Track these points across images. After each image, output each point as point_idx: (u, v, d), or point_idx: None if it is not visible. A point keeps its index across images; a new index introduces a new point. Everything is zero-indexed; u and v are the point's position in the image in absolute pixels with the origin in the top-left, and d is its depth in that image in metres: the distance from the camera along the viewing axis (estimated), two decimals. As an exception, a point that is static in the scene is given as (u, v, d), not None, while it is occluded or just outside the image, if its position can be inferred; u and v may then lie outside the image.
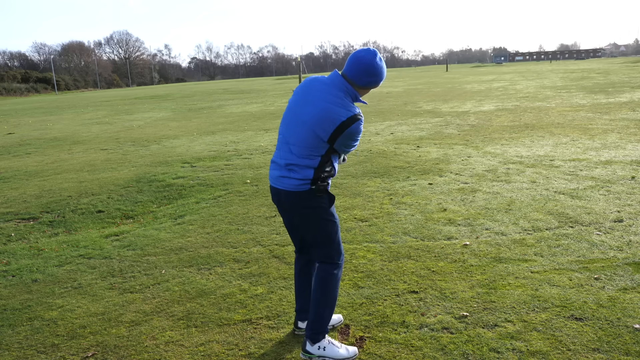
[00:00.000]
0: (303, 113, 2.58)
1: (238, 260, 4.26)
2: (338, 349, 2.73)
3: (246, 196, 6.36)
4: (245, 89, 39.75)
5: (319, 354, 2.71)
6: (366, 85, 2.62)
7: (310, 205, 2.64)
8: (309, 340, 2.72)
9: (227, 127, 14.43)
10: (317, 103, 2.56)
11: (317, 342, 2.72)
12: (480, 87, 26.03)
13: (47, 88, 71.27)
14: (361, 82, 2.60)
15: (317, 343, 2.72)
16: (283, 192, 2.66)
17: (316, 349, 2.71)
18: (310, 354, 2.72)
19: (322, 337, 2.72)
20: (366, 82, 2.60)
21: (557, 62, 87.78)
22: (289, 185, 2.62)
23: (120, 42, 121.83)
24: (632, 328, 2.89)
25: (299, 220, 2.73)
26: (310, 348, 2.72)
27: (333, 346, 2.73)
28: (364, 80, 2.59)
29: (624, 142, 8.46)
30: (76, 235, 5.26)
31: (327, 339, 2.74)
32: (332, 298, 2.75)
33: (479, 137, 9.99)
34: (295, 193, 2.61)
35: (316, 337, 2.71)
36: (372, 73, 2.58)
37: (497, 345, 2.80)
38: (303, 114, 2.58)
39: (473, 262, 3.94)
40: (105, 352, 2.96)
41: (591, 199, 5.38)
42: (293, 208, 2.68)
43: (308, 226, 2.71)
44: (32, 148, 12.29)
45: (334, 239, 2.74)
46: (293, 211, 2.70)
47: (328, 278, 2.73)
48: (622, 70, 34.28)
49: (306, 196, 2.61)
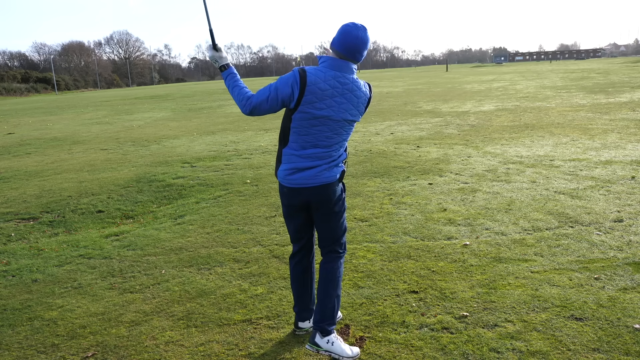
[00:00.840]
0: (347, 109, 2.67)
1: (238, 260, 4.26)
2: (344, 347, 2.75)
3: (246, 196, 6.36)
4: (245, 89, 39.69)
5: (326, 347, 2.73)
6: (344, 50, 2.60)
7: (340, 191, 2.80)
8: (319, 333, 2.75)
9: (227, 127, 14.43)
10: (356, 96, 2.67)
11: (327, 336, 2.74)
12: (480, 87, 26.03)
13: (47, 88, 71.27)
14: (337, 45, 2.62)
15: (327, 337, 2.74)
16: (319, 188, 2.71)
17: (325, 342, 2.73)
18: (318, 346, 2.74)
19: (332, 331, 2.76)
20: (341, 43, 2.60)
21: (557, 62, 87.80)
22: (332, 178, 2.72)
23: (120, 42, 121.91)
24: (632, 328, 2.89)
25: (329, 212, 2.80)
26: (319, 340, 2.74)
27: (340, 343, 2.75)
28: (338, 44, 2.61)
29: (624, 142, 8.46)
30: (76, 235, 5.26)
31: (335, 334, 2.77)
32: (340, 288, 2.87)
33: (479, 137, 9.99)
34: (332, 184, 2.73)
35: (328, 330, 2.74)
36: (343, 30, 2.61)
37: (497, 345, 2.80)
38: (347, 109, 2.67)
39: (473, 262, 3.94)
40: (105, 352, 2.96)
41: (591, 199, 5.38)
42: (327, 200, 2.75)
43: (335, 217, 2.82)
44: (32, 148, 12.29)
45: (345, 227, 2.93)
46: (326, 205, 2.77)
47: (339, 268, 2.86)
48: (622, 70, 34.29)
49: (337, 183, 2.76)
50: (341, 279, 2.87)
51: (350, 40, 2.57)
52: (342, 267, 2.89)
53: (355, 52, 2.60)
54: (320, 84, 2.57)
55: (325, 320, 2.75)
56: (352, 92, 2.64)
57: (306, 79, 2.55)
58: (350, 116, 2.67)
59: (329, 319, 2.76)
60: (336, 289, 2.81)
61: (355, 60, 2.64)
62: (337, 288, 2.82)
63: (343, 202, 2.85)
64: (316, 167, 2.69)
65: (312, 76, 2.57)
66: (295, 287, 3.02)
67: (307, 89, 2.55)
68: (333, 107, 2.61)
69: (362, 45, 2.60)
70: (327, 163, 2.71)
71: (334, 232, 2.86)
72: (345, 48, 2.59)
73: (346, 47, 2.58)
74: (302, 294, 3.00)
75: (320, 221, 2.85)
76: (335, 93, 2.60)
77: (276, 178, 2.83)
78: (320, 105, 2.59)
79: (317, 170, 2.69)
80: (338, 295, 2.82)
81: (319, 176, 2.70)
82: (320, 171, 2.70)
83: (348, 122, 2.69)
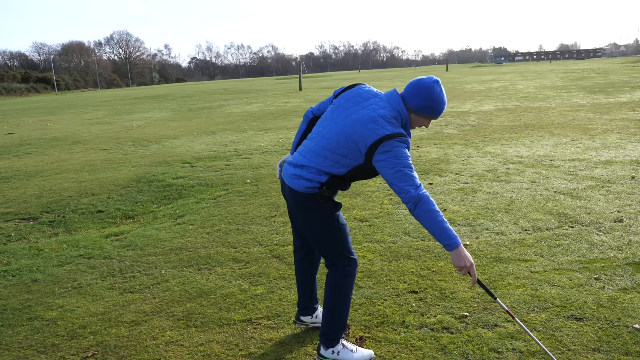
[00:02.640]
0: (348, 116, 2.46)
1: (238, 260, 4.26)
2: (353, 353, 2.71)
3: (246, 196, 6.36)
4: (245, 89, 39.74)
5: (332, 357, 2.71)
6: (418, 109, 2.47)
7: (313, 208, 2.55)
8: (322, 345, 2.72)
9: (227, 127, 14.43)
10: (366, 110, 2.43)
11: (331, 347, 2.70)
12: (480, 87, 26.02)
13: (47, 88, 71.24)
14: (413, 103, 2.46)
15: (331, 348, 2.70)
16: (289, 189, 2.61)
17: (330, 353, 2.70)
18: (324, 358, 2.72)
19: (335, 343, 2.71)
20: (418, 104, 2.46)
21: (557, 62, 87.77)
22: (297, 185, 2.55)
23: (120, 42, 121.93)
24: (632, 328, 2.89)
25: (302, 221, 2.66)
26: (324, 352, 2.71)
27: (347, 351, 2.71)
28: (416, 102, 2.46)
29: (624, 142, 8.46)
30: (76, 235, 5.26)
31: (341, 344, 2.72)
32: (341, 306, 2.67)
33: (479, 137, 9.99)
34: (301, 195, 2.55)
35: (330, 343, 2.70)
36: (427, 97, 2.44)
37: (497, 345, 2.80)
38: (348, 117, 2.46)
39: (473, 262, 3.93)
40: (105, 352, 2.96)
41: (591, 199, 5.38)
42: (297, 208, 2.62)
43: (310, 229, 2.64)
44: (32, 148, 12.28)
45: (335, 244, 2.63)
46: (297, 211, 2.65)
47: (335, 285, 2.66)
48: (622, 70, 34.28)
49: (310, 199, 2.54)
50: (341, 296, 2.66)
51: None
52: (339, 285, 2.66)
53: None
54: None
55: (326, 334, 2.70)
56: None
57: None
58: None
59: (329, 334, 2.69)
60: (334, 306, 2.67)
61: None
62: (335, 305, 2.67)
63: (320, 217, 2.58)
64: (293, 168, 2.60)
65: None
66: (297, 282, 3.03)
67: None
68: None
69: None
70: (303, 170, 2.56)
71: (313, 243, 2.71)
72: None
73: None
74: (303, 289, 3.00)
75: (296, 224, 2.78)
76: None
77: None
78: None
79: (293, 170, 2.59)
80: (337, 312, 2.67)
81: (293, 179, 2.58)
82: (294, 174, 2.57)
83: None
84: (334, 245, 2.64)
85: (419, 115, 2.51)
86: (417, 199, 2.29)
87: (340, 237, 2.64)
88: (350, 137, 2.41)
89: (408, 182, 2.31)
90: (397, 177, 2.31)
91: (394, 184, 2.33)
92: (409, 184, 2.30)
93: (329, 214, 2.59)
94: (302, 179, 2.53)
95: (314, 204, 2.56)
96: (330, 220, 2.60)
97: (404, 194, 2.31)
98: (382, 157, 2.34)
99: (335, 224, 2.62)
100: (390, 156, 2.32)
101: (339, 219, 2.65)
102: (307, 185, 2.52)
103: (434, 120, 2.58)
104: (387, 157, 2.33)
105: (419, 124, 2.57)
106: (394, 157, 2.32)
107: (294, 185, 2.57)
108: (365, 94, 2.54)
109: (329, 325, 2.70)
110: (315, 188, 2.52)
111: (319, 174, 2.51)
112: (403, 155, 2.33)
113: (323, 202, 2.55)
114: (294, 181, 2.57)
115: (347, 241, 2.67)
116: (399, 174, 2.31)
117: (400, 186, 2.32)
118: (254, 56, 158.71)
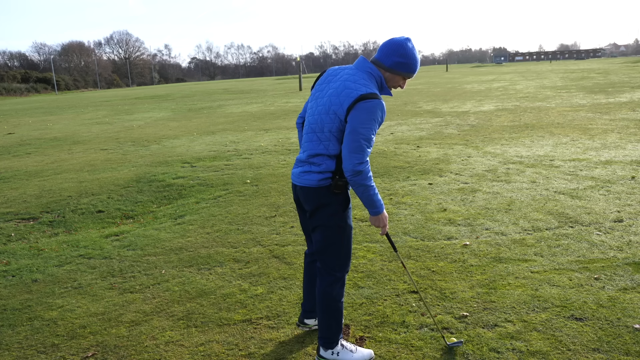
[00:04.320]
0: (324, 95, 2.53)
1: (238, 260, 4.26)
2: (352, 353, 2.72)
3: (246, 196, 6.36)
4: (245, 89, 39.75)
5: (332, 358, 2.71)
6: (393, 66, 2.49)
7: (326, 203, 2.53)
8: (321, 347, 2.72)
9: (227, 127, 14.43)
10: (337, 82, 2.50)
11: (331, 349, 2.71)
12: (480, 87, 26.03)
13: (47, 88, 71.25)
14: (388, 61, 2.48)
15: (331, 349, 2.71)
16: (300, 189, 2.59)
17: (330, 354, 2.71)
18: (324, 358, 2.72)
19: (335, 345, 2.71)
20: (393, 61, 2.48)
21: (557, 62, 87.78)
22: (309, 181, 2.52)
23: (120, 42, 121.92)
24: (632, 328, 2.89)
25: (316, 221, 2.60)
26: (323, 353, 2.72)
27: (347, 351, 2.71)
28: (391, 59, 2.48)
29: (624, 142, 8.46)
30: (76, 235, 5.26)
31: (340, 344, 2.73)
32: (334, 311, 2.67)
33: (479, 137, 9.99)
34: (314, 190, 2.52)
35: (328, 345, 2.70)
36: (401, 53, 2.46)
37: (497, 345, 2.80)
38: (324, 95, 2.52)
39: (473, 262, 3.94)
40: (105, 352, 2.96)
41: (591, 199, 5.38)
42: (312, 207, 2.56)
43: (318, 228, 2.60)
44: (32, 148, 12.28)
45: (340, 248, 2.61)
46: (312, 211, 2.58)
47: (327, 291, 2.64)
48: (622, 70, 34.28)
49: (324, 193, 2.51)
50: (333, 302, 2.65)
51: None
52: (331, 291, 2.63)
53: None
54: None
55: (323, 336, 2.70)
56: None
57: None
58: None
59: (327, 336, 2.69)
60: (328, 311, 2.66)
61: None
62: (328, 310, 2.66)
63: (331, 216, 2.56)
64: (301, 165, 2.62)
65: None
66: (304, 285, 3.00)
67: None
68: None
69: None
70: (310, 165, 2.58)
71: (317, 245, 2.64)
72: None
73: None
74: (310, 292, 2.98)
75: (307, 224, 2.76)
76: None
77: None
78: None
79: (301, 168, 2.60)
80: (331, 317, 2.66)
81: (302, 176, 2.58)
82: (303, 170, 2.59)
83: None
84: (339, 247, 2.62)
85: (394, 74, 2.53)
86: (357, 173, 2.38)
87: (344, 241, 2.64)
88: (330, 109, 2.46)
89: (358, 156, 2.37)
90: (352, 146, 2.37)
91: (346, 148, 2.38)
92: (357, 157, 2.37)
93: (343, 210, 2.59)
94: (312, 173, 2.53)
95: (330, 199, 2.53)
96: (344, 218, 2.60)
97: (348, 163, 2.38)
98: (352, 114, 2.38)
99: (345, 224, 2.61)
100: (357, 117, 2.37)
101: (349, 220, 2.64)
102: (319, 178, 2.51)
103: (409, 80, 2.61)
104: (355, 115, 2.37)
105: (394, 83, 2.58)
106: (360, 122, 2.37)
107: (305, 183, 2.55)
108: (334, 72, 2.62)
109: (326, 329, 2.70)
110: (328, 179, 2.51)
111: (325, 160, 2.50)
112: (369, 122, 2.38)
113: (338, 192, 2.53)
114: (304, 178, 2.56)
115: (350, 246, 2.68)
116: (355, 143, 2.37)
117: (349, 155, 2.38)
118: (254, 56, 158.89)
